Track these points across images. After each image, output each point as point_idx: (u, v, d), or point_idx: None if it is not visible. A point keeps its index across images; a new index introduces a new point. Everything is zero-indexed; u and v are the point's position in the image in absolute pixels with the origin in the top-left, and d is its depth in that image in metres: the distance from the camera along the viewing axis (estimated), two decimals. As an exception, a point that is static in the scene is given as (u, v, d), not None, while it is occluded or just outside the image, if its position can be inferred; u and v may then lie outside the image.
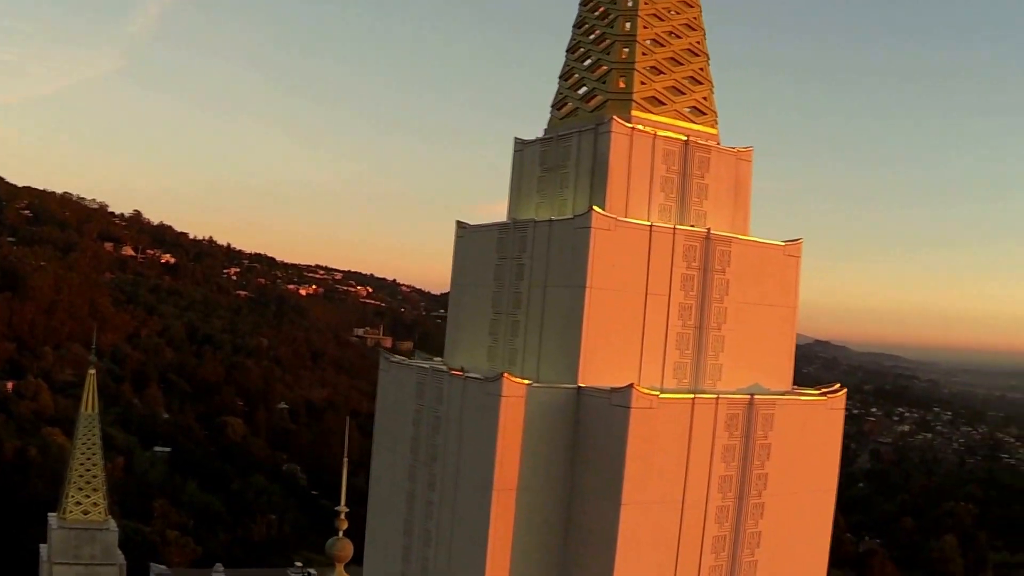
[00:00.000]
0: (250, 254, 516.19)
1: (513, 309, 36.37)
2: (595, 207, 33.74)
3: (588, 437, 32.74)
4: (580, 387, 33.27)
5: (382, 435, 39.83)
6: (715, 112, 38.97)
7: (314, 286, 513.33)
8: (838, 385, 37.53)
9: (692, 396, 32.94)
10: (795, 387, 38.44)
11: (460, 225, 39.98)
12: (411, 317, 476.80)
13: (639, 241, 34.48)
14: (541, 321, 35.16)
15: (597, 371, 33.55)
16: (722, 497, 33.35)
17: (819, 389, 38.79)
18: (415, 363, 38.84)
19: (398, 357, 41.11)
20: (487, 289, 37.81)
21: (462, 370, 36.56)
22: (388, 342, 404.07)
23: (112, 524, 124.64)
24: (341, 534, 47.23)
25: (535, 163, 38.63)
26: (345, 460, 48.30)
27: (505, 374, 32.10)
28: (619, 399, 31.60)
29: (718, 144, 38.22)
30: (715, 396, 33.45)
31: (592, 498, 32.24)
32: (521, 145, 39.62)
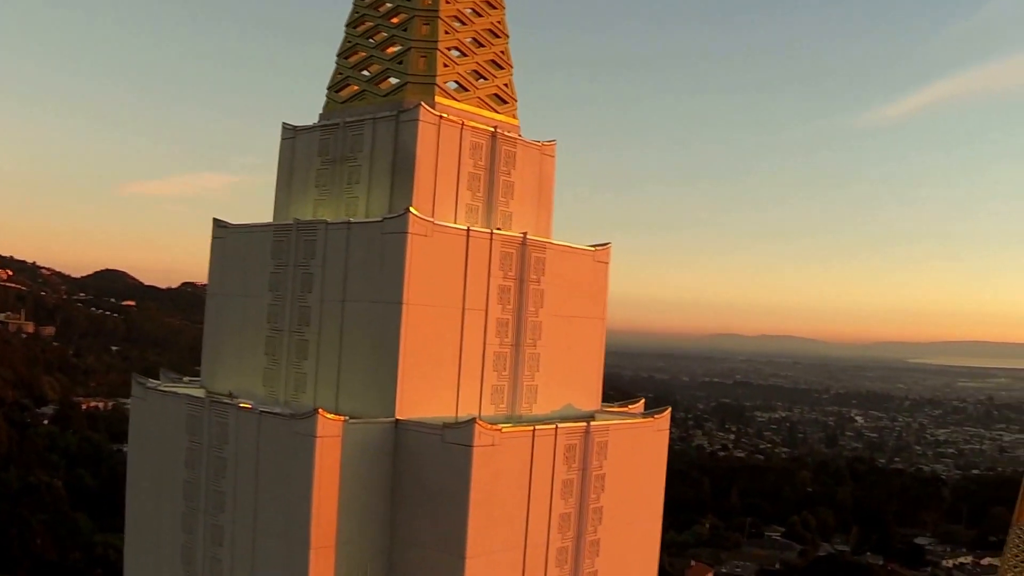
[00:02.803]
0: None
1: (299, 326, 32.57)
2: (411, 209, 30.60)
3: (415, 480, 29.89)
4: (398, 421, 30.08)
5: (139, 475, 34.82)
6: (516, 100, 37.00)
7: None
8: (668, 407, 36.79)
9: (532, 428, 30.87)
10: (604, 405, 37.41)
11: (219, 224, 35.48)
12: (53, 301, 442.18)
13: (456, 248, 31.96)
14: (339, 342, 31.70)
15: (415, 401, 30.62)
16: (562, 537, 31.87)
17: (624, 406, 38.12)
18: (183, 390, 33.86)
19: (158, 382, 35.71)
20: (260, 301, 33.78)
21: (230, 395, 32.47)
22: (30, 327, 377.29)
23: None
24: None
25: (312, 153, 34.96)
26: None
27: (320, 410, 28.35)
28: (457, 436, 28.95)
29: (520, 136, 36.21)
30: (553, 426, 31.59)
31: (426, 551, 29.54)
32: (292, 132, 35.70)
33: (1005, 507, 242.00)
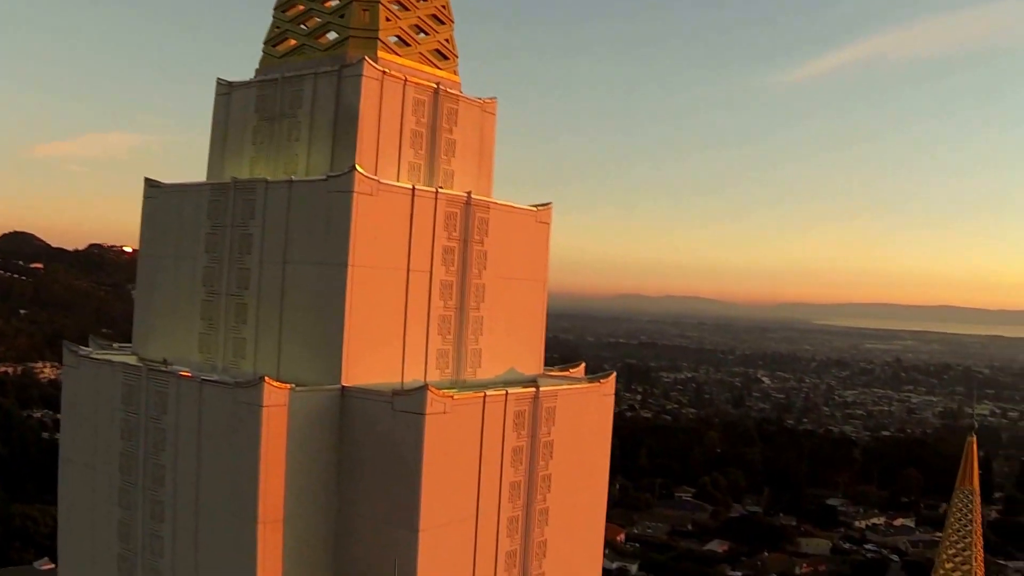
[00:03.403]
0: None
1: (237, 290, 32.02)
2: (357, 166, 30.20)
3: (363, 450, 29.62)
4: (344, 388, 29.78)
5: (72, 448, 33.97)
6: (457, 56, 36.67)
7: None
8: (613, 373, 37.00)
9: (483, 394, 30.75)
10: (546, 369, 37.55)
11: (152, 184, 34.67)
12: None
13: (402, 208, 31.69)
14: (280, 306, 31.28)
15: (361, 367, 30.35)
16: (512, 506, 31.91)
17: (565, 369, 38.34)
18: (118, 358, 33.07)
19: (90, 349, 34.76)
20: (195, 263, 33.14)
21: (165, 363, 31.87)
22: None
23: None
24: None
25: (249, 110, 34.29)
26: None
27: (266, 378, 27.87)
28: (408, 404, 28.72)
29: (462, 93, 35.93)
30: (503, 392, 31.45)
31: (376, 524, 29.30)
32: (227, 87, 34.97)
33: (916, 468, 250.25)
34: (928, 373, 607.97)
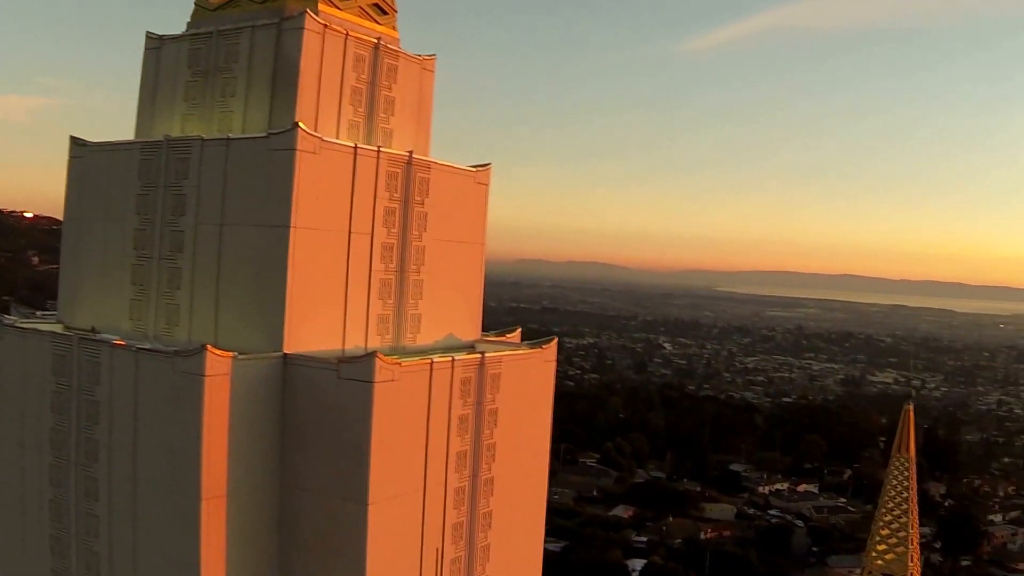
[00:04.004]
0: None
1: (170, 253, 31.26)
2: (300, 124, 29.61)
3: (308, 421, 29.23)
4: (287, 356, 29.31)
5: (-3, 422, 32.63)
6: (396, 11, 36.14)
7: None
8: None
9: (429, 361, 30.56)
10: (483, 335, 37.48)
11: (78, 143, 33.62)
12: None
13: (344, 167, 31.28)
14: (217, 270, 30.62)
15: (303, 333, 29.95)
16: (459, 477, 31.86)
17: (502, 335, 38.34)
18: (45, 327, 32.03)
19: (15, 318, 33.58)
20: (125, 225, 32.29)
21: (93, 331, 31.02)
22: None
23: None
24: None
25: (181, 64, 33.39)
26: None
27: (208, 347, 27.29)
28: (355, 372, 28.40)
29: (401, 49, 35.45)
30: (450, 359, 31.35)
31: (323, 497, 28.92)
32: (157, 41, 33.98)
33: (818, 434, 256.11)
34: (830, 341, 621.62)
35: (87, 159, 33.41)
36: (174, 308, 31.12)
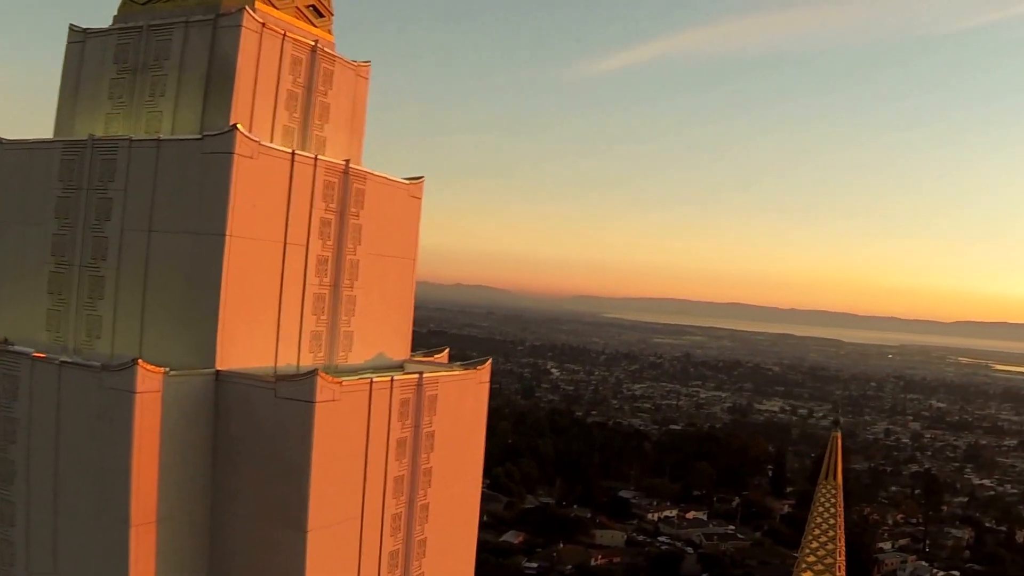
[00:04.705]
0: None
1: (93, 260, 29.74)
2: (239, 126, 28.48)
3: (241, 442, 27.90)
4: (219, 372, 28.07)
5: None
6: (332, 14, 35.18)
7: None
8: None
9: (370, 379, 29.53)
10: (412, 355, 36.59)
11: (-9, 139, 31.76)
12: None
13: (281, 174, 30.20)
14: (144, 279, 29.17)
15: (236, 349, 28.76)
16: (396, 503, 30.82)
17: (430, 355, 37.54)
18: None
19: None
20: (43, 229, 30.68)
21: (5, 342, 29.39)
22: None
23: None
24: None
25: (106, 60, 31.86)
26: None
27: (139, 360, 25.89)
28: (295, 391, 27.23)
29: (337, 54, 34.53)
30: (389, 378, 30.36)
31: (258, 524, 27.62)
32: (81, 35, 32.44)
33: (707, 461, 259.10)
34: (717, 369, 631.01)
35: (1, 158, 31.69)
36: (96, 319, 29.58)
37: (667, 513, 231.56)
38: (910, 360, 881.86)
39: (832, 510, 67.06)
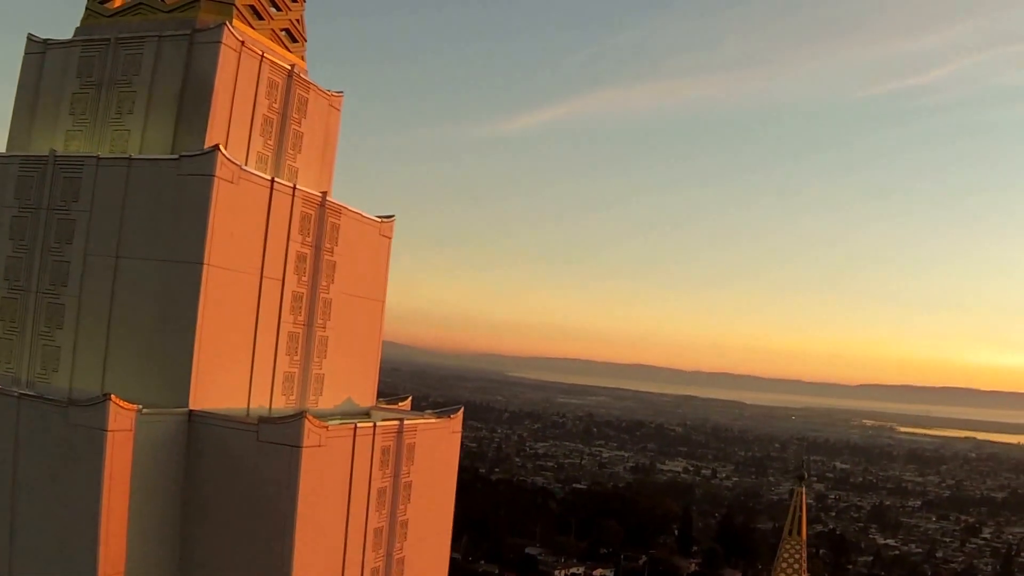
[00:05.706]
0: None
1: (52, 287, 27.42)
2: (220, 147, 26.52)
3: (216, 488, 25.67)
4: (192, 412, 25.82)
5: None
6: (306, 40, 33.47)
7: None
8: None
9: (353, 425, 27.44)
10: (378, 402, 34.64)
11: (-60, 152, 29.28)
12: None
13: (260, 202, 28.28)
14: (109, 309, 26.93)
15: (210, 388, 26.61)
16: (375, 556, 28.72)
17: (394, 403, 35.67)
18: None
19: None
20: (-4, 252, 28.07)
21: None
22: None
23: None
24: None
25: (68, 74, 29.69)
26: None
27: (113, 396, 23.58)
28: (279, 434, 25.13)
29: (311, 81, 32.80)
30: (372, 424, 28.34)
31: None
32: (41, 46, 30.22)
33: (614, 519, 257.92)
34: (620, 428, 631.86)
35: (-49, 174, 29.23)
36: (53, 350, 27.15)
37: (574, 570, 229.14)
38: (813, 422, 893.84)
39: (796, 566, 66.17)
